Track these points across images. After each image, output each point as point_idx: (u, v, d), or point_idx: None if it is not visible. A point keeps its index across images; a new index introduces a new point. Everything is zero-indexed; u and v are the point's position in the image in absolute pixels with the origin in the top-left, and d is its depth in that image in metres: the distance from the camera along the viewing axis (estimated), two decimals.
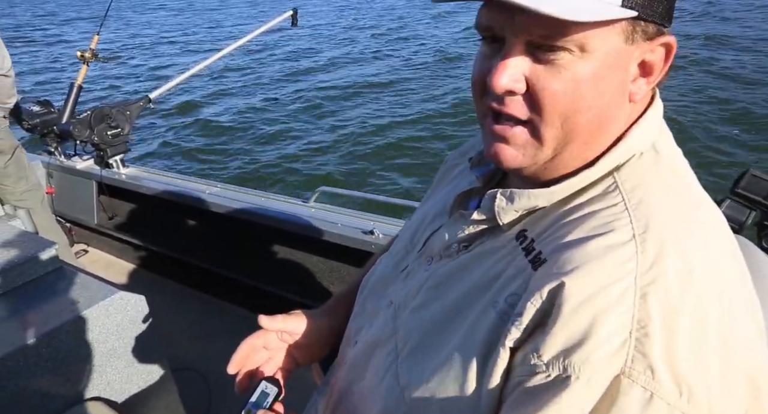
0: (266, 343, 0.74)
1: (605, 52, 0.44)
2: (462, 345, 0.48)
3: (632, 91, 0.48)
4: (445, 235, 0.58)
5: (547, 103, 0.45)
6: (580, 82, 0.44)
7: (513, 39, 0.45)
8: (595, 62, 0.44)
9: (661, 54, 0.47)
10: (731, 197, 0.95)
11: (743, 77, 6.99)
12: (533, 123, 0.47)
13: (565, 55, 0.44)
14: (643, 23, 0.45)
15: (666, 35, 0.46)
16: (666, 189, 0.47)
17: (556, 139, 0.47)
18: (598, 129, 0.47)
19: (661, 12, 0.45)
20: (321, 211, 1.90)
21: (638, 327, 0.39)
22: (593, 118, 0.46)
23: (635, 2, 0.43)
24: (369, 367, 0.60)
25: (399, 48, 11.93)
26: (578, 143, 0.48)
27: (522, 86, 0.46)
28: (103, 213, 2.64)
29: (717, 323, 0.40)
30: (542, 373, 0.41)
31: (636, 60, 0.47)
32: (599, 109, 0.46)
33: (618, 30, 0.44)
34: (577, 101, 0.45)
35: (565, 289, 0.41)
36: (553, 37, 0.43)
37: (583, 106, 0.45)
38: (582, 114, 0.45)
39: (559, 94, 0.45)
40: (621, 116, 0.48)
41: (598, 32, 0.43)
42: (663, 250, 0.42)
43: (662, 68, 0.47)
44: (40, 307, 1.28)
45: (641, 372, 0.38)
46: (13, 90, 2.37)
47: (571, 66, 0.44)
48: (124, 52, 14.66)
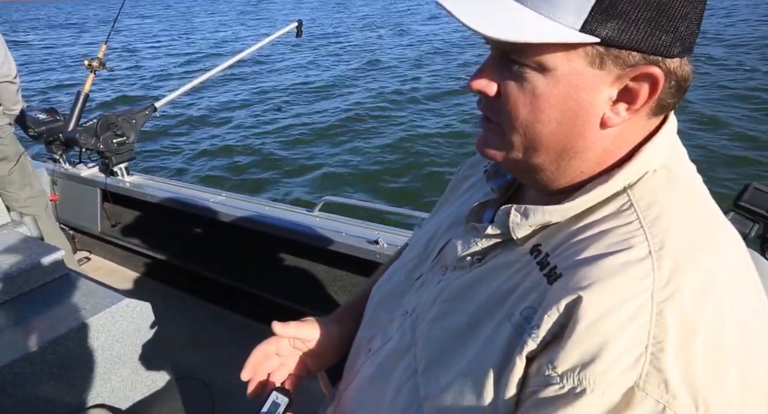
0: (279, 349, 0.74)
1: (566, 73, 0.45)
2: (478, 358, 0.49)
3: (607, 115, 0.47)
4: (458, 247, 0.59)
5: (509, 111, 0.49)
6: (538, 96, 0.47)
7: (492, 48, 0.50)
8: (555, 81, 0.46)
9: (645, 84, 0.46)
10: (734, 210, 0.96)
11: (746, 92, 7.03)
12: (501, 126, 0.50)
13: (528, 70, 0.46)
14: (616, 50, 0.44)
15: (650, 66, 0.45)
16: (680, 206, 0.47)
17: (522, 145, 0.50)
18: (570, 145, 0.48)
19: (644, 41, 0.44)
20: (325, 221, 1.90)
21: (654, 342, 0.40)
22: (555, 132, 0.48)
23: (600, 29, 0.43)
24: (386, 377, 0.60)
25: (406, 59, 12.01)
26: (549, 153, 0.50)
27: (493, 90, 0.49)
28: (106, 221, 2.65)
29: (734, 339, 0.41)
30: (556, 384, 0.41)
31: (614, 85, 0.46)
32: (561, 124, 0.48)
33: (581, 54, 0.44)
34: (536, 114, 0.47)
35: (582, 304, 0.42)
36: (515, 53, 0.46)
37: (542, 119, 0.47)
38: (542, 126, 0.48)
39: (519, 104, 0.48)
40: (594, 137, 0.48)
41: (557, 54, 0.45)
42: (679, 267, 0.42)
43: (647, 99, 0.46)
44: (46, 313, 1.28)
45: (655, 386, 0.39)
46: (18, 97, 2.39)
47: (533, 80, 0.46)
48: (131, 61, 14.77)
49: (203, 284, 2.33)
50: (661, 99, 0.47)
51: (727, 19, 13.42)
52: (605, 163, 0.50)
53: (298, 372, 0.76)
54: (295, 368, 0.76)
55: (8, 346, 1.17)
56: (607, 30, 0.43)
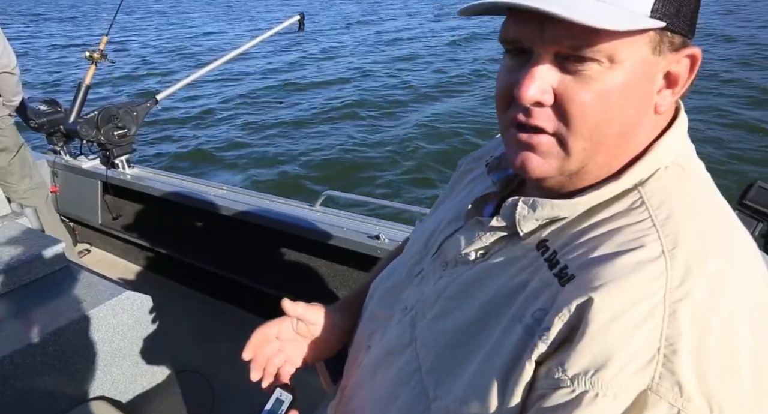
0: (280, 333, 0.74)
1: (634, 63, 0.44)
2: (488, 359, 0.48)
3: (658, 102, 0.48)
4: (461, 241, 0.58)
5: (576, 114, 0.45)
6: (608, 92, 0.44)
7: (541, 50, 0.45)
8: (624, 73, 0.44)
9: (686, 65, 0.47)
10: (739, 208, 0.96)
11: (752, 89, 7.01)
12: (560, 134, 0.46)
13: (593, 65, 0.44)
14: (670, 34, 0.45)
15: (691, 47, 0.47)
16: (692, 205, 0.47)
17: (584, 151, 0.47)
18: (624, 139, 0.48)
19: (686, 24, 0.46)
20: (327, 215, 1.90)
21: (667, 344, 0.39)
22: (620, 128, 0.46)
23: (663, 13, 0.44)
24: (384, 373, 0.59)
25: (409, 54, 11.97)
26: (605, 154, 0.47)
27: (550, 98, 0.45)
28: (107, 213, 2.64)
29: (746, 339, 0.41)
30: (566, 387, 0.41)
31: (662, 71, 0.47)
32: (626, 119, 0.46)
33: (646, 40, 0.44)
34: (606, 112, 0.45)
35: (594, 306, 0.41)
36: (582, 47, 0.43)
37: (612, 116, 0.45)
38: (611, 124, 0.45)
39: (588, 105, 0.44)
40: (646, 127, 0.49)
41: (627, 42, 0.43)
42: (692, 267, 0.42)
43: (687, 80, 0.48)
44: (46, 305, 1.28)
45: (669, 388, 0.38)
46: (18, 88, 2.38)
47: (600, 76, 0.44)
48: (132, 53, 14.72)
49: (203, 277, 2.33)
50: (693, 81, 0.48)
51: (733, 16, 13.37)
52: (625, 159, 0.50)
53: (296, 358, 0.76)
54: (294, 354, 0.75)
55: (9, 337, 1.17)
56: (668, 14, 0.44)
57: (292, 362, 0.76)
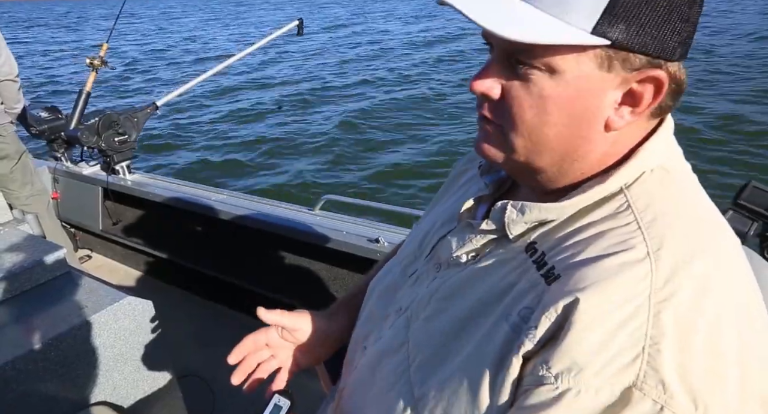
0: (269, 340, 0.75)
1: (576, 76, 0.45)
2: (475, 356, 0.49)
3: (612, 118, 0.47)
4: (452, 243, 0.59)
5: (514, 114, 0.48)
6: (546, 99, 0.46)
7: (497, 48, 0.49)
8: (564, 83, 0.45)
9: (650, 87, 0.46)
10: (734, 208, 0.96)
11: (745, 90, 7.02)
12: (503, 128, 0.50)
13: (536, 71, 0.46)
14: (624, 53, 0.44)
15: (655, 69, 0.45)
16: (677, 206, 0.48)
17: (526, 149, 0.49)
18: (570, 147, 0.49)
19: (651, 44, 0.44)
20: (326, 219, 1.91)
21: (651, 343, 0.40)
22: (559, 135, 0.48)
23: (610, 32, 0.43)
24: (378, 374, 0.60)
25: (406, 58, 12.00)
26: (552, 156, 0.49)
27: (497, 92, 0.49)
28: (108, 219, 2.65)
29: (732, 339, 0.41)
30: (550, 384, 0.42)
31: (619, 88, 0.46)
32: (564, 127, 0.47)
33: (591, 56, 0.45)
34: (542, 117, 0.47)
35: (579, 305, 0.42)
36: (524, 54, 0.45)
37: (547, 121, 0.47)
38: (548, 129, 0.48)
39: (526, 107, 0.47)
40: (597, 139, 0.49)
41: (568, 57, 0.44)
42: (677, 268, 0.42)
43: (651, 101, 0.47)
44: (48, 311, 1.29)
45: (653, 386, 0.39)
46: (20, 95, 2.40)
47: (540, 83, 0.46)
48: (132, 60, 14.78)
49: (205, 282, 2.34)
50: (661, 102, 0.47)
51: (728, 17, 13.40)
52: (605, 164, 0.51)
53: (288, 365, 0.76)
54: (285, 361, 0.76)
55: (10, 343, 1.17)
56: (617, 32, 0.43)
57: (286, 368, 0.76)
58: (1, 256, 1.39)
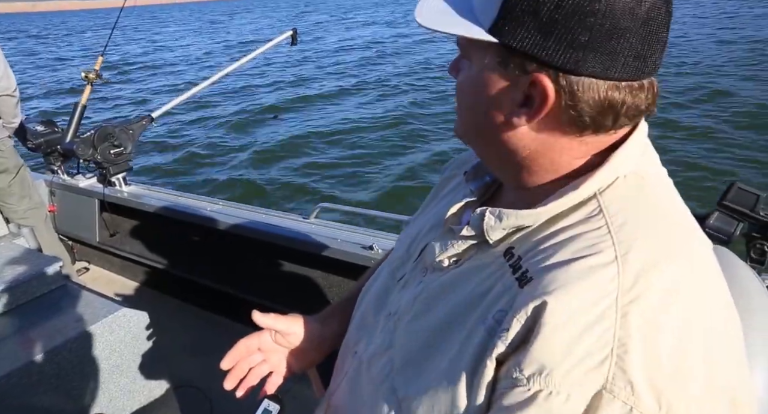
0: (261, 344, 0.75)
1: (480, 67, 0.51)
2: (453, 360, 0.50)
3: (510, 117, 0.50)
4: (435, 249, 0.60)
5: (456, 95, 0.56)
6: (462, 84, 0.54)
7: None
8: (474, 74, 0.52)
9: (540, 92, 0.46)
10: (719, 209, 0.97)
11: (730, 92, 7.07)
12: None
13: (465, 62, 0.54)
14: (520, 56, 0.46)
15: (541, 76, 0.46)
16: (648, 212, 0.48)
17: (461, 127, 0.57)
18: (489, 135, 0.53)
19: (540, 52, 0.45)
20: (321, 227, 1.92)
21: (619, 344, 0.41)
22: (477, 120, 0.54)
23: (505, 33, 0.47)
24: (366, 378, 0.61)
25: (400, 66, 12.06)
26: (479, 141, 0.56)
27: (455, 75, 0.56)
28: (105, 230, 2.66)
29: (699, 340, 0.42)
30: (523, 386, 0.42)
31: (517, 89, 0.48)
32: (477, 114, 0.53)
33: (492, 52, 0.49)
34: (462, 99, 0.55)
35: (548, 308, 0.43)
36: (460, 47, 0.54)
37: (465, 105, 0.55)
38: (467, 112, 0.55)
39: (458, 89, 0.55)
40: (512, 135, 0.51)
41: (476, 48, 0.51)
42: (644, 270, 0.43)
43: (540, 106, 0.47)
44: (44, 324, 1.29)
45: (621, 387, 0.40)
46: (17, 110, 2.41)
47: (464, 71, 0.54)
48: (127, 72, 14.84)
49: (201, 292, 2.34)
50: (574, 114, 0.47)
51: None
52: (560, 168, 0.52)
53: (281, 369, 0.77)
54: (278, 365, 0.77)
55: (6, 356, 1.18)
56: (508, 34, 0.47)
57: (278, 372, 0.77)
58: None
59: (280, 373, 0.77)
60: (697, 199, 0.69)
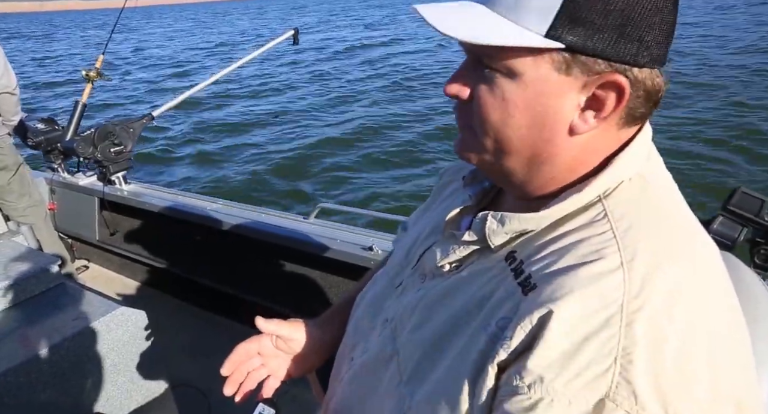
0: (261, 348, 0.75)
1: (534, 78, 0.46)
2: (454, 367, 0.49)
3: (575, 122, 0.47)
4: (437, 254, 0.59)
5: (480, 115, 0.49)
6: (507, 101, 0.47)
7: (466, 53, 0.51)
8: (523, 86, 0.46)
9: (612, 93, 0.46)
10: (723, 214, 0.96)
11: (734, 97, 7.06)
12: (473, 129, 0.51)
13: (497, 74, 0.47)
14: (583, 57, 0.45)
15: (615, 74, 0.45)
16: (653, 216, 0.48)
17: (493, 148, 0.51)
18: (535, 149, 0.49)
19: (609, 50, 0.44)
20: (321, 227, 1.91)
21: (623, 353, 0.40)
22: (524, 136, 0.49)
23: (565, 36, 0.44)
24: (370, 386, 0.60)
25: (400, 66, 12.06)
26: (520, 158, 0.50)
27: (465, 94, 0.50)
28: (104, 229, 2.66)
29: (704, 349, 0.41)
30: (523, 394, 0.42)
31: (582, 92, 0.46)
32: (529, 129, 0.48)
33: (548, 59, 0.45)
34: (505, 119, 0.48)
35: (553, 316, 0.42)
36: (487, 58, 0.47)
37: (510, 124, 0.48)
38: (511, 130, 0.48)
39: (490, 108, 0.48)
40: (563, 144, 0.49)
41: (525, 60, 0.45)
42: (650, 278, 0.42)
43: (614, 107, 0.46)
44: (42, 322, 1.29)
45: (625, 397, 0.39)
46: (17, 108, 2.41)
47: (502, 85, 0.47)
48: (128, 71, 14.84)
49: (200, 292, 2.33)
50: (630, 108, 0.47)
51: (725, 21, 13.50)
52: (577, 171, 0.51)
53: (280, 373, 0.76)
54: (277, 369, 0.76)
55: (4, 354, 1.17)
56: (572, 36, 0.44)
57: (276, 376, 0.76)
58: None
59: (278, 377, 0.77)
60: (701, 205, 0.68)
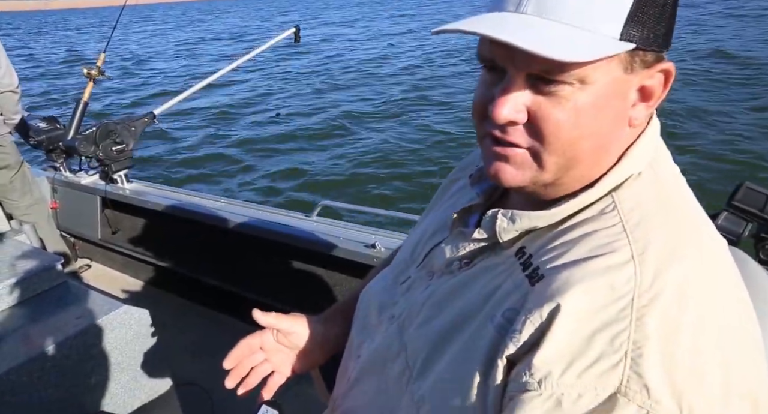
0: (263, 343, 0.75)
1: (605, 83, 0.45)
2: (462, 358, 0.49)
3: (632, 115, 0.49)
4: (446, 252, 0.59)
5: (550, 133, 0.46)
6: (580, 111, 0.45)
7: (514, 71, 0.46)
8: (596, 92, 0.45)
9: (660, 80, 0.48)
10: (728, 209, 0.96)
11: (738, 92, 7.03)
12: (535, 149, 0.47)
13: (565, 87, 0.44)
14: (642, 53, 0.46)
15: (664, 62, 0.48)
16: (663, 210, 0.47)
17: (557, 165, 0.47)
18: (599, 154, 0.49)
19: (659, 40, 0.46)
20: (323, 225, 1.91)
21: (634, 347, 0.40)
22: (594, 144, 0.47)
23: (633, 35, 0.44)
24: (378, 382, 0.60)
25: (402, 65, 12.05)
26: (581, 168, 0.48)
27: (523, 117, 0.46)
28: (107, 228, 2.66)
29: (715, 341, 0.41)
30: (533, 390, 0.42)
31: (635, 86, 0.48)
32: (600, 135, 0.47)
33: (617, 62, 0.45)
34: (579, 129, 0.46)
35: (563, 309, 0.42)
36: (554, 71, 0.44)
37: (584, 133, 0.46)
38: (584, 141, 0.46)
39: (562, 124, 0.45)
40: (621, 140, 0.50)
41: (599, 66, 0.44)
42: (660, 271, 0.42)
43: (661, 93, 0.49)
44: (45, 321, 1.29)
45: (637, 391, 0.39)
46: (18, 106, 2.41)
47: (572, 97, 0.45)
48: (130, 69, 14.84)
49: (202, 290, 2.33)
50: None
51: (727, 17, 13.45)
52: (602, 166, 0.50)
53: (282, 369, 0.76)
54: (279, 365, 0.76)
55: (7, 354, 1.17)
56: (637, 34, 0.45)
57: (279, 372, 0.76)
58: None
59: (282, 373, 0.77)
60: (706, 200, 0.68)
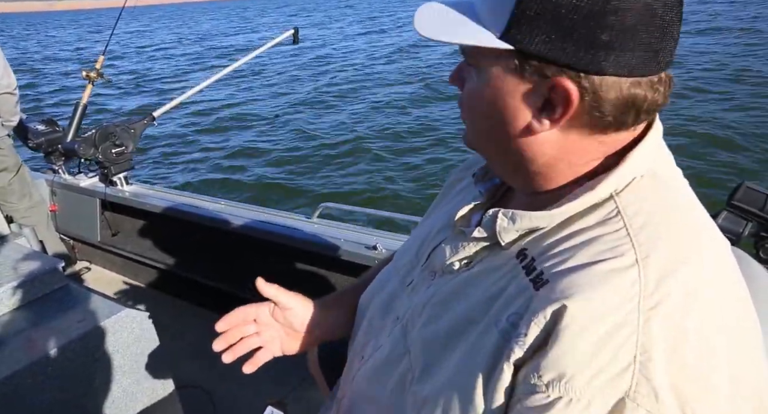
0: (258, 315, 0.76)
1: (493, 76, 0.49)
2: (466, 364, 0.49)
3: (532, 122, 0.48)
4: (446, 251, 0.59)
5: (462, 105, 0.55)
6: (474, 93, 0.52)
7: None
8: (485, 82, 0.50)
9: (562, 96, 0.45)
10: (728, 209, 0.97)
11: (737, 93, 7.04)
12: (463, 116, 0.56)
13: (472, 70, 0.51)
14: (535, 60, 0.45)
15: (562, 79, 0.44)
16: (667, 213, 0.48)
17: (473, 135, 0.56)
18: (504, 144, 0.51)
19: (561, 55, 0.44)
20: (324, 227, 1.91)
21: (642, 351, 0.40)
22: (490, 128, 0.52)
23: (518, 38, 0.45)
24: (382, 384, 0.60)
25: (403, 66, 12.05)
26: (494, 149, 0.54)
27: (459, 85, 0.55)
28: (106, 230, 2.65)
29: (720, 345, 0.41)
30: (542, 393, 0.42)
31: (535, 94, 0.47)
32: (491, 122, 0.51)
33: (504, 58, 0.47)
34: (473, 111, 0.53)
35: (568, 312, 0.42)
36: (466, 55, 0.52)
37: (478, 114, 0.53)
38: (479, 121, 0.53)
39: (465, 100, 0.54)
40: (530, 142, 0.49)
41: (490, 58, 0.48)
42: (665, 275, 0.42)
43: (563, 112, 0.46)
44: (45, 325, 1.28)
45: (645, 395, 0.39)
46: (16, 108, 2.41)
47: (473, 81, 0.52)
48: (129, 72, 14.83)
49: (203, 292, 2.33)
50: (596, 115, 0.46)
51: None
52: (563, 171, 0.51)
53: (272, 346, 0.77)
54: (268, 341, 0.77)
55: (8, 358, 1.17)
56: (524, 39, 0.45)
57: (268, 348, 0.77)
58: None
59: (270, 350, 0.77)
60: (706, 199, 0.69)
